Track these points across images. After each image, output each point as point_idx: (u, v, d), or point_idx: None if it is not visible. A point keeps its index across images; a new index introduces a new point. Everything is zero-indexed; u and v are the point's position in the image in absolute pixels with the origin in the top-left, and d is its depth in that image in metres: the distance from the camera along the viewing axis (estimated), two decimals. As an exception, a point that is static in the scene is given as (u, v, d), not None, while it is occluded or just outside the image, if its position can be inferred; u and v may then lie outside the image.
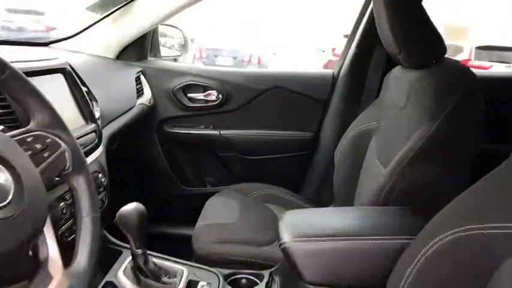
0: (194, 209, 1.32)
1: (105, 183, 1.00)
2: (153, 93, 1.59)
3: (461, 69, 0.96)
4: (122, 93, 1.35)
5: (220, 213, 1.28)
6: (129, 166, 1.58)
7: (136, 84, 1.48)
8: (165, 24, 1.79)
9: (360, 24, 1.63)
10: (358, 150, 1.20)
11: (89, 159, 0.92)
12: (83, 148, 0.84)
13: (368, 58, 1.61)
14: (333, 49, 9.06)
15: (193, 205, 1.38)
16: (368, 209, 0.97)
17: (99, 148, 1.02)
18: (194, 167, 1.77)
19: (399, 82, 1.07)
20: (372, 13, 1.54)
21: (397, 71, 1.12)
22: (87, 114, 1.01)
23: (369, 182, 1.07)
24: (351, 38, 1.67)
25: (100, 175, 0.99)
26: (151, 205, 0.93)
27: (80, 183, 0.66)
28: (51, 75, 0.94)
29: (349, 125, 1.28)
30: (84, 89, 1.04)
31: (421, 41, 0.95)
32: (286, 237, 0.80)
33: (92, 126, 1.00)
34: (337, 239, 0.79)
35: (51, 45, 1.44)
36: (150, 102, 1.57)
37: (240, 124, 1.66)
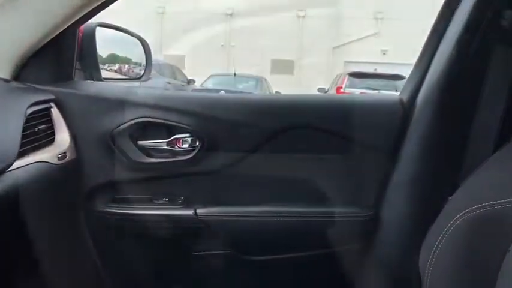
0: None
1: None
2: (74, 140, 1.06)
3: None
4: None
5: None
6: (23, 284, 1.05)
7: (39, 123, 0.96)
8: (103, 25, 1.19)
9: (454, 9, 1.01)
10: (478, 253, 0.69)
11: None
12: None
13: (479, 68, 0.97)
14: (338, 88, 8.81)
15: None
16: None
17: None
18: (152, 273, 1.21)
19: None
20: None
21: None
22: None
23: None
24: (433, 35, 1.05)
25: None
26: None
27: None
28: None
29: (442, 197, 0.81)
30: None
31: None
32: None
33: None
34: None
35: None
36: (65, 158, 1.01)
37: (233, 196, 1.14)
